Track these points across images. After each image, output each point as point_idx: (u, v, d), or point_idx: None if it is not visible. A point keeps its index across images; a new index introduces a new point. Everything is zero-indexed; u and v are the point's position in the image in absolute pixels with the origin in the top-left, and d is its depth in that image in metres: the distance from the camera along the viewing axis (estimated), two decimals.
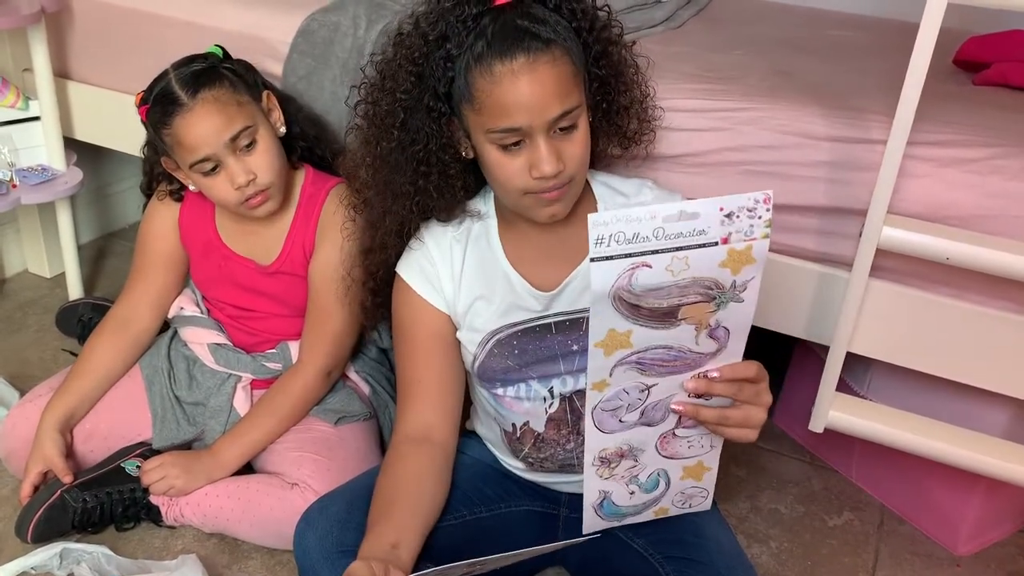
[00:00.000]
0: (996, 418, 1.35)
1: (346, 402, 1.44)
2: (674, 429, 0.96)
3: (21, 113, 1.77)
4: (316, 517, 1.05)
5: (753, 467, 1.61)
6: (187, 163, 1.30)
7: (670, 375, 0.90)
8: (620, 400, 0.92)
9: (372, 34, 1.48)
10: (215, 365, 1.46)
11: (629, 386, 0.91)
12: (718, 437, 0.98)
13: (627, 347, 0.87)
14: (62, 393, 1.39)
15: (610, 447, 0.97)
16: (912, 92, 1.08)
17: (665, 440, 0.97)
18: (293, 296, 1.43)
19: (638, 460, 0.99)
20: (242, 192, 1.30)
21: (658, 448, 0.98)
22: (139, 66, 1.71)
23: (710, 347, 0.89)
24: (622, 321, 0.85)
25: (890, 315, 1.23)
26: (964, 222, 1.17)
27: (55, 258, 2.03)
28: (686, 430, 0.97)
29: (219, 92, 1.29)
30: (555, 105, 0.95)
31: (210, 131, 1.27)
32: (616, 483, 1.01)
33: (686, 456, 1.00)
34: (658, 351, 0.88)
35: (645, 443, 0.97)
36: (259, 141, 1.31)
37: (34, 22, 1.67)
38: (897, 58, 1.19)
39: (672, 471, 1.01)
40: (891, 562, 1.42)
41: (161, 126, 1.29)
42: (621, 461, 0.98)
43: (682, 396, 0.93)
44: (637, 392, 0.91)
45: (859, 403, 1.31)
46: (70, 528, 1.31)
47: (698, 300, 0.84)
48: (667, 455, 0.99)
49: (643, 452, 0.98)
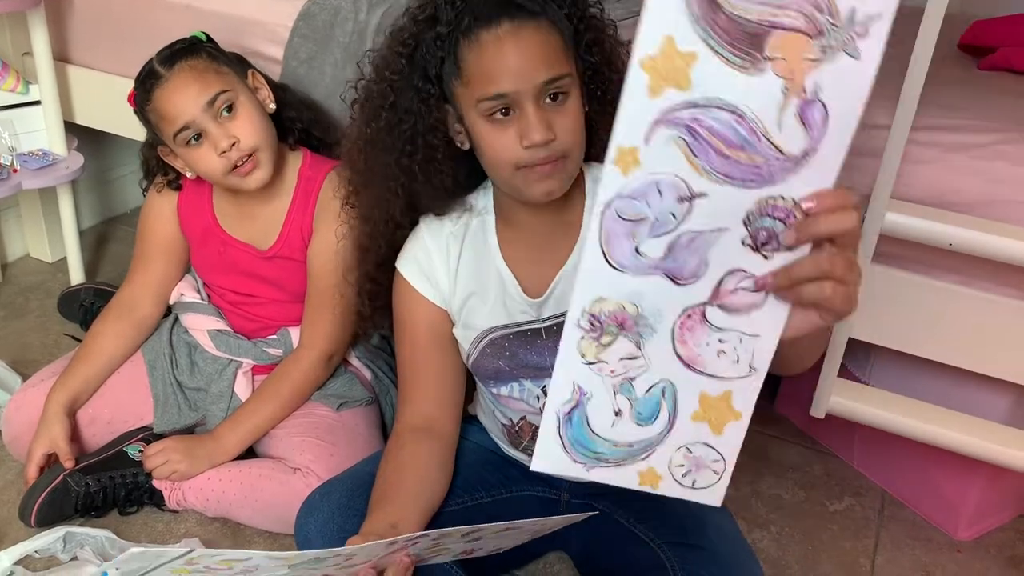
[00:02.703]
0: (997, 404, 1.35)
1: (348, 387, 1.44)
2: (706, 304, 0.66)
3: (21, 97, 1.76)
4: (318, 503, 1.05)
5: (754, 452, 1.61)
6: (171, 136, 1.30)
7: (727, 180, 0.63)
8: (648, 204, 0.64)
9: (373, 18, 1.47)
10: (215, 351, 1.46)
11: (666, 179, 0.63)
12: (769, 349, 0.67)
13: (685, 86, 0.60)
14: (67, 377, 1.40)
15: (609, 297, 0.67)
16: (916, 77, 1.08)
17: (690, 323, 0.68)
18: (292, 281, 1.43)
19: (641, 347, 0.69)
20: (227, 159, 1.29)
21: (675, 334, 0.68)
22: (139, 50, 1.70)
23: (796, 142, 0.62)
24: (687, 25, 0.58)
25: (893, 301, 1.23)
26: (968, 208, 1.16)
27: (56, 243, 2.03)
28: (722, 312, 0.66)
29: (196, 61, 1.31)
30: (542, 70, 0.93)
31: (187, 97, 1.28)
32: (600, 379, 0.71)
33: (710, 372, 0.69)
34: (723, 116, 0.61)
35: (659, 315, 0.68)
36: (240, 107, 1.31)
37: (34, 5, 1.66)
38: (901, 42, 1.18)
39: (683, 395, 0.70)
40: (892, 547, 1.42)
41: (144, 103, 1.31)
42: (618, 336, 0.69)
43: (733, 238, 0.64)
44: (674, 199, 0.63)
45: (861, 389, 1.31)
46: (73, 512, 1.32)
47: (799, 28, 0.59)
48: (683, 356, 0.69)
49: (652, 333, 0.68)
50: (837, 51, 0.59)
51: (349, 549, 0.84)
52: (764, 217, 0.63)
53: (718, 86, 0.60)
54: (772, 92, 0.60)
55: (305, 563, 0.84)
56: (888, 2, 0.59)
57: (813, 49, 0.59)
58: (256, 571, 0.83)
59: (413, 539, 0.87)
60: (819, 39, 0.59)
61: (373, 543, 0.84)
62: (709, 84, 0.60)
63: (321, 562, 0.85)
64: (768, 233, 0.64)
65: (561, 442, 0.73)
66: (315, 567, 0.86)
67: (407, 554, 0.89)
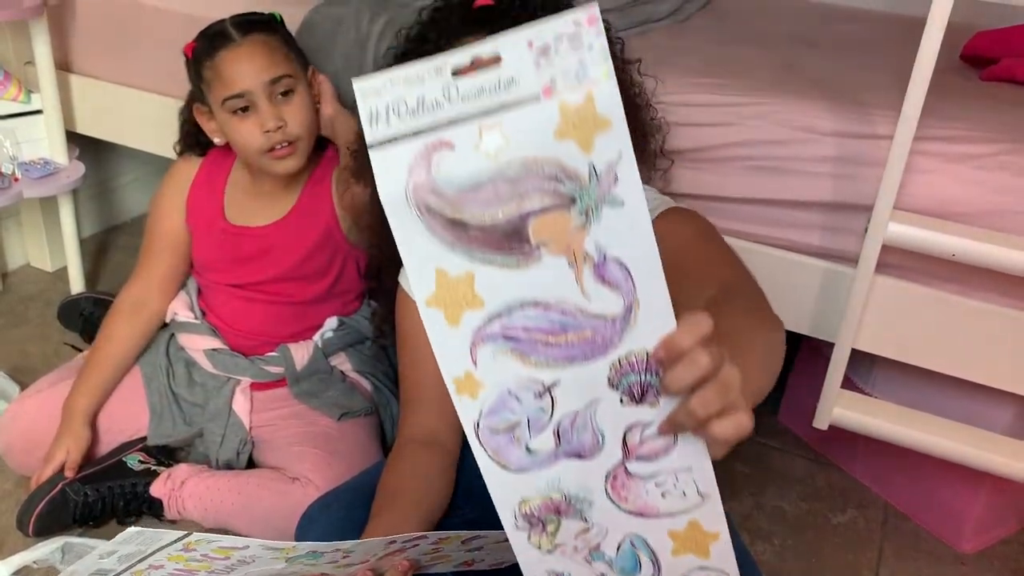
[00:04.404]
0: (1001, 415, 1.34)
1: (348, 397, 1.44)
2: (624, 462, 0.63)
3: (23, 106, 1.76)
4: (318, 515, 1.05)
5: (757, 464, 1.60)
6: (220, 98, 1.30)
7: (569, 362, 0.59)
8: (511, 412, 0.62)
9: (375, 28, 1.47)
10: (213, 370, 1.45)
11: (513, 385, 0.61)
12: (707, 472, 0.62)
13: (477, 305, 0.58)
14: (85, 383, 1.40)
15: (531, 496, 0.66)
16: (919, 87, 1.07)
17: (618, 483, 0.64)
18: (289, 250, 1.42)
19: (588, 520, 0.66)
20: (268, 138, 1.30)
21: (612, 497, 0.65)
22: (141, 59, 1.71)
23: (611, 303, 0.57)
24: (447, 253, 0.56)
25: (896, 312, 1.23)
26: (971, 218, 1.16)
27: (57, 252, 2.02)
28: (643, 462, 0.62)
29: (269, 38, 1.32)
30: None
31: (252, 68, 1.29)
32: (568, 561, 0.69)
33: (663, 513, 0.65)
34: (530, 312, 0.58)
35: (587, 489, 0.65)
36: (296, 95, 1.33)
37: (36, 15, 1.66)
38: (904, 53, 1.18)
39: (654, 540, 0.67)
40: (895, 560, 1.41)
41: (205, 58, 1.31)
42: (560, 521, 0.67)
43: (611, 403, 0.60)
44: (532, 397, 0.61)
45: (864, 400, 1.30)
46: (71, 522, 1.31)
47: (548, 206, 0.55)
48: (632, 511, 0.65)
49: (591, 505, 0.66)
50: (599, 208, 0.55)
51: (347, 545, 0.83)
52: (627, 375, 0.59)
53: (508, 290, 0.57)
54: (560, 272, 0.57)
55: (301, 556, 0.83)
56: (619, 141, 0.53)
57: (574, 217, 0.55)
58: (252, 562, 0.83)
59: (412, 540, 0.86)
60: (574, 207, 0.55)
61: (372, 540, 0.83)
62: (498, 292, 0.57)
63: (318, 556, 0.85)
64: (641, 386, 0.60)
65: None
66: (312, 562, 0.86)
67: (405, 558, 0.89)
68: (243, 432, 1.40)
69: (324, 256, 1.43)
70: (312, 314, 1.47)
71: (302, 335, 1.46)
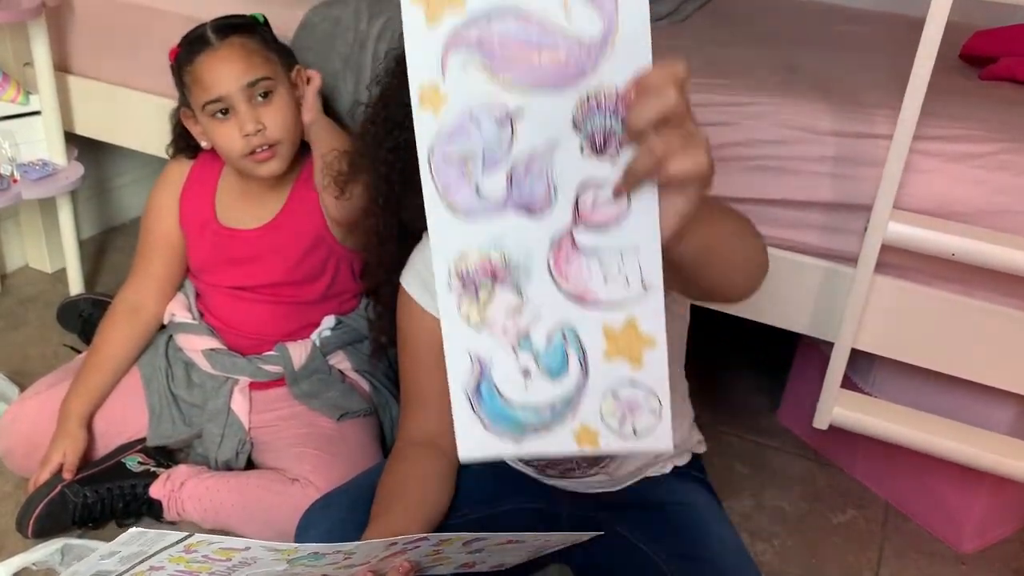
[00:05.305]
0: (1001, 415, 1.34)
1: (347, 398, 1.43)
2: (572, 229, 0.61)
3: (21, 108, 1.76)
4: (318, 516, 1.05)
5: (757, 464, 1.60)
6: (200, 103, 1.31)
7: (538, 87, 0.58)
8: (468, 137, 0.60)
9: (374, 28, 1.47)
10: (212, 370, 1.45)
11: (476, 105, 0.59)
12: (654, 257, 0.60)
13: (459, 5, 0.57)
14: (81, 386, 1.39)
15: (470, 250, 0.63)
16: (918, 87, 1.07)
17: (563, 255, 0.62)
18: (282, 254, 1.42)
19: (523, 295, 0.63)
20: (248, 142, 1.30)
21: (552, 271, 0.62)
22: (140, 60, 1.71)
23: (591, 25, 0.56)
24: None
25: (895, 311, 1.22)
26: (971, 218, 1.16)
27: (56, 253, 2.02)
28: (592, 233, 0.61)
29: (248, 40, 1.32)
30: None
31: (230, 73, 1.29)
32: (494, 341, 0.65)
33: (603, 301, 0.62)
34: (508, 22, 0.57)
35: (529, 254, 0.62)
36: (276, 97, 1.32)
37: (35, 16, 1.66)
38: (904, 53, 1.18)
39: (587, 335, 0.63)
40: (895, 560, 1.41)
41: (185, 63, 1.32)
42: (495, 289, 0.63)
43: (571, 150, 0.59)
44: (493, 124, 0.59)
45: (864, 400, 1.30)
46: (71, 524, 1.31)
47: None
48: (571, 292, 0.63)
49: (528, 276, 0.63)
50: None
51: (349, 546, 0.83)
52: (593, 116, 0.58)
53: None
54: None
55: (303, 558, 0.84)
56: None
57: None
58: (253, 563, 0.83)
59: (413, 542, 0.86)
60: None
61: (373, 541, 0.83)
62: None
63: (319, 558, 0.85)
64: (604, 134, 0.59)
65: (480, 422, 0.66)
66: (313, 563, 0.86)
67: (406, 559, 0.89)
68: (242, 432, 1.40)
69: (317, 259, 1.43)
70: (310, 313, 1.47)
71: (300, 334, 1.46)
